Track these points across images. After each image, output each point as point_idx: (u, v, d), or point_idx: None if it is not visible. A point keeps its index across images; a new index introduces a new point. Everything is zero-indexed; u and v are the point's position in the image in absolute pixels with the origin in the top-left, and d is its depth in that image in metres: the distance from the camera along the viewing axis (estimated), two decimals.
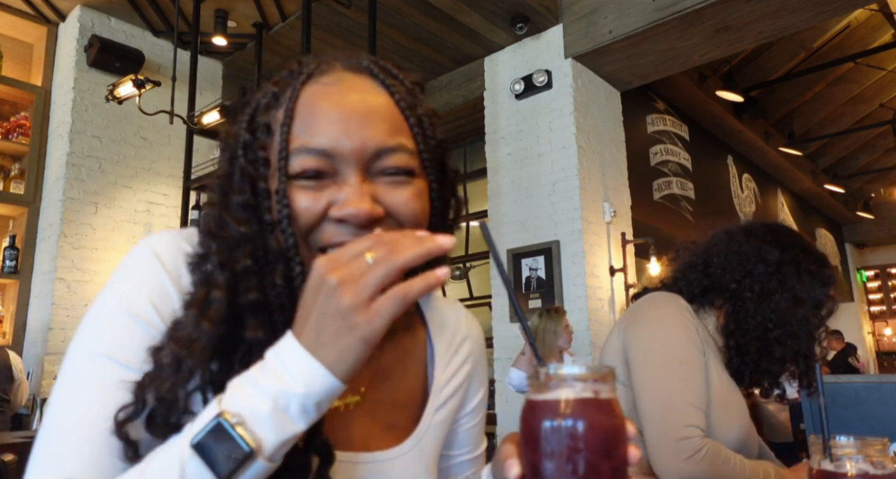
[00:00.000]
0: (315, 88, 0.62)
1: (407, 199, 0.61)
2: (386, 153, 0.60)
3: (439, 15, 3.64)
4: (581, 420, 0.43)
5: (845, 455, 0.66)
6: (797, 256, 1.26)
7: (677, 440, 1.08)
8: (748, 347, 1.23)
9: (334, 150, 0.59)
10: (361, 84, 0.63)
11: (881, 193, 9.28)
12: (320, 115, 0.60)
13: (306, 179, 0.59)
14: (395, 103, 0.63)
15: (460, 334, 0.76)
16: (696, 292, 1.30)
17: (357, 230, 0.58)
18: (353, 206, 0.57)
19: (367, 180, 0.60)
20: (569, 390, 0.44)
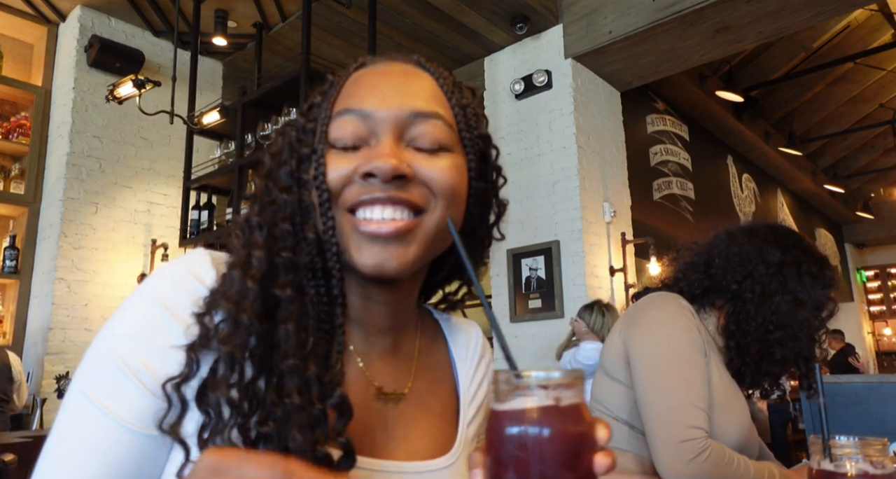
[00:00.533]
0: (365, 70, 0.66)
1: (442, 168, 0.61)
2: (422, 118, 0.61)
3: (439, 15, 3.64)
4: (540, 429, 0.42)
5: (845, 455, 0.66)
6: (798, 257, 1.26)
7: (681, 441, 1.08)
8: (749, 348, 1.23)
9: (371, 110, 0.60)
10: (406, 67, 0.66)
11: (881, 193, 9.28)
12: (363, 84, 0.63)
13: (343, 147, 0.61)
14: (437, 85, 0.65)
15: (478, 353, 0.78)
16: (697, 293, 1.30)
17: (384, 186, 0.58)
18: (381, 159, 0.57)
19: (400, 145, 0.60)
20: (529, 398, 0.42)
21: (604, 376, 1.31)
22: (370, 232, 0.58)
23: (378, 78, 0.63)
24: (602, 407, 1.29)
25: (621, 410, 1.25)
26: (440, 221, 0.61)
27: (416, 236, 0.60)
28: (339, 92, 0.64)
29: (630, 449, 1.23)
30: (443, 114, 0.63)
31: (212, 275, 0.57)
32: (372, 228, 0.58)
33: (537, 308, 3.60)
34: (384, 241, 0.58)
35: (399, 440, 0.64)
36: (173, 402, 0.51)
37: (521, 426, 0.42)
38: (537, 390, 0.42)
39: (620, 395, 1.25)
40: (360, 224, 0.58)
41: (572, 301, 3.48)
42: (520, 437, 0.42)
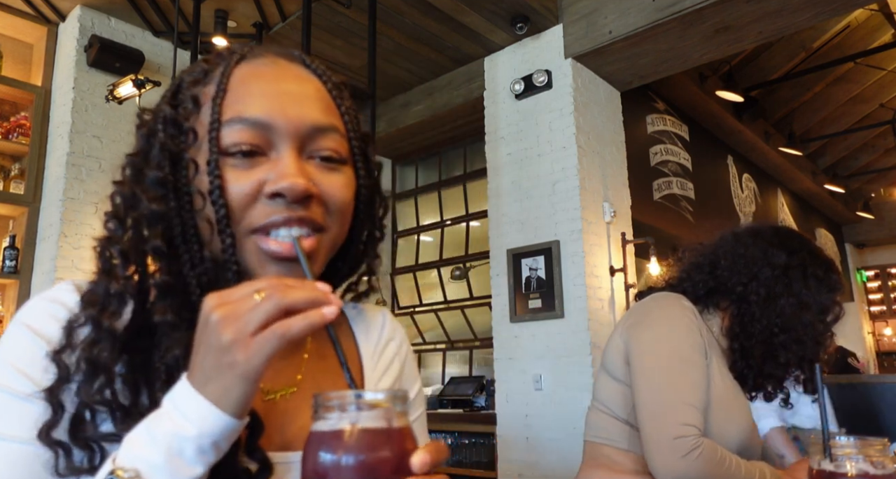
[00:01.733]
0: (248, 67, 0.61)
1: (341, 185, 0.61)
2: (321, 132, 0.60)
3: (439, 15, 3.63)
4: (326, 454, 0.39)
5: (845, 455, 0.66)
6: (804, 260, 1.26)
7: (673, 438, 1.08)
8: (752, 350, 1.23)
9: (270, 122, 0.57)
10: (294, 69, 0.63)
11: (881, 193, 9.28)
12: (255, 90, 0.59)
13: (238, 156, 0.57)
14: (326, 90, 0.63)
15: (384, 336, 0.76)
16: (701, 294, 1.30)
17: (291, 206, 0.56)
18: (290, 179, 0.55)
19: (301, 159, 0.59)
20: (327, 420, 0.41)
21: (605, 375, 1.31)
22: (280, 254, 0.56)
23: (269, 84, 0.60)
24: (603, 406, 1.29)
25: (621, 409, 1.25)
26: (336, 237, 0.62)
27: (319, 254, 0.60)
28: (224, 92, 0.59)
29: (631, 449, 1.23)
30: (337, 125, 0.62)
31: (75, 300, 0.57)
32: (281, 249, 0.56)
33: (537, 308, 3.59)
34: (288, 262, 0.57)
35: (295, 432, 0.62)
36: (52, 408, 0.51)
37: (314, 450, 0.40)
38: (334, 413, 0.41)
39: (621, 394, 1.25)
40: (267, 245, 0.56)
41: (572, 301, 3.48)
42: (313, 461, 0.40)
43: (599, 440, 1.27)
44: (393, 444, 0.40)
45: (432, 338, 4.99)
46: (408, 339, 0.81)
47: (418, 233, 5.23)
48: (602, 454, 1.26)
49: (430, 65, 4.27)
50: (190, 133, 0.59)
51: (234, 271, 0.57)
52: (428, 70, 4.33)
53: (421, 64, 4.24)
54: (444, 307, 4.87)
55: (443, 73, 4.39)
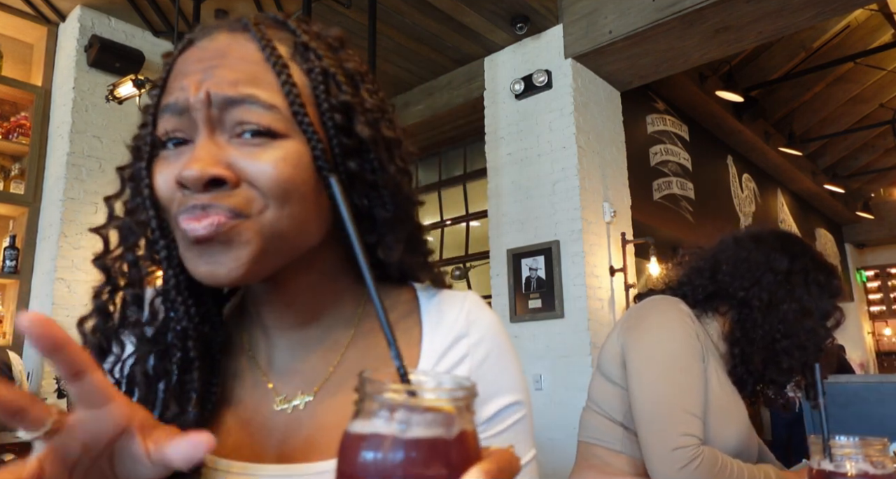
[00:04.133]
0: (187, 52, 0.57)
1: (271, 162, 0.52)
2: (234, 104, 0.53)
3: (439, 15, 3.63)
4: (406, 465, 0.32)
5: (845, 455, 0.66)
6: (806, 265, 1.26)
7: (673, 449, 1.08)
8: (754, 356, 1.22)
9: (183, 102, 0.53)
10: (230, 39, 0.56)
11: (881, 193, 9.28)
12: (179, 73, 0.56)
13: (171, 146, 0.55)
14: (263, 55, 0.55)
15: (456, 330, 0.62)
16: (701, 298, 1.29)
17: (197, 195, 0.52)
18: (188, 166, 0.51)
19: (216, 140, 0.53)
20: (375, 419, 0.33)
21: (600, 376, 1.31)
22: (190, 236, 0.52)
23: (191, 64, 0.55)
24: (598, 408, 1.30)
25: (616, 411, 1.25)
26: (276, 220, 0.53)
27: (245, 238, 0.52)
28: (166, 82, 0.56)
29: (623, 451, 1.23)
30: (260, 95, 0.53)
31: None
32: (190, 226, 0.52)
33: (537, 308, 3.60)
34: (206, 246, 0.52)
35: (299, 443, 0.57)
36: None
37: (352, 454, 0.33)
38: (381, 411, 0.33)
39: (616, 396, 1.25)
40: (182, 227, 0.53)
41: (572, 301, 3.48)
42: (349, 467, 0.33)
43: (593, 440, 1.27)
44: (450, 458, 0.33)
45: None
46: (495, 333, 0.64)
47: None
48: (594, 454, 1.26)
49: (430, 65, 4.27)
50: (146, 142, 0.58)
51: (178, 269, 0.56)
52: (428, 70, 4.33)
53: (421, 64, 4.24)
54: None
55: (443, 74, 4.39)
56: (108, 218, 0.61)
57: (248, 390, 0.61)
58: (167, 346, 0.57)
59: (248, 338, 0.64)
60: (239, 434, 0.58)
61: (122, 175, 0.61)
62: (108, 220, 0.61)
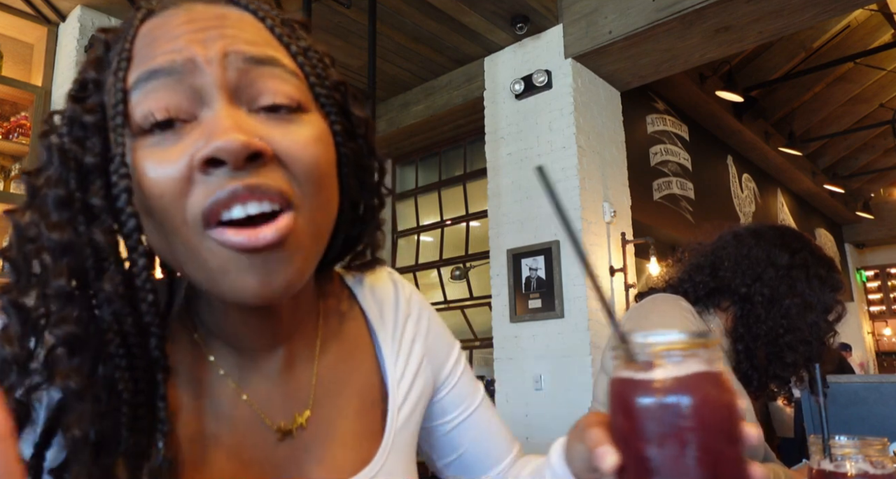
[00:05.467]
0: (156, 19, 0.46)
1: (305, 138, 0.44)
2: (257, 65, 0.44)
3: (439, 15, 3.63)
4: (695, 397, 0.37)
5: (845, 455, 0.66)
6: (806, 260, 1.26)
7: None
8: (757, 351, 1.23)
9: (182, 64, 0.42)
10: (216, 9, 0.47)
11: (881, 193, 9.28)
12: (161, 37, 0.44)
13: (155, 131, 0.42)
14: (264, 25, 0.47)
15: (401, 314, 0.64)
16: (702, 294, 1.29)
17: (235, 174, 0.40)
18: (222, 136, 0.40)
19: (239, 108, 0.43)
20: (677, 364, 0.38)
21: (604, 376, 1.31)
22: (246, 245, 0.41)
23: (176, 27, 0.44)
24: (602, 408, 1.30)
25: None
26: (317, 213, 0.45)
27: (301, 240, 0.44)
28: (130, 52, 0.44)
29: None
30: (280, 58, 0.46)
31: None
32: (242, 239, 0.41)
33: (537, 308, 3.59)
34: (264, 253, 0.42)
35: (312, 465, 0.53)
36: None
37: (676, 396, 0.37)
38: (683, 355, 0.38)
39: None
40: (228, 235, 0.41)
41: (572, 301, 3.48)
42: (674, 407, 0.37)
43: None
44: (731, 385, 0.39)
45: None
46: (420, 298, 0.69)
47: (418, 233, 5.23)
48: None
49: (430, 65, 4.27)
50: (94, 128, 0.44)
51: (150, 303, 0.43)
52: (428, 70, 4.33)
53: (421, 64, 4.24)
54: (444, 307, 4.87)
55: (443, 73, 4.39)
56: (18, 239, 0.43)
57: (239, 424, 0.52)
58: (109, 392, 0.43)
59: (219, 363, 0.53)
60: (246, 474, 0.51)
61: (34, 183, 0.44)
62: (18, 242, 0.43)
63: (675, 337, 0.38)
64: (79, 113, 0.45)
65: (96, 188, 0.43)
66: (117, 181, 0.42)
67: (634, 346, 0.39)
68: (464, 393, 0.69)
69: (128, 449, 0.42)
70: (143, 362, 0.44)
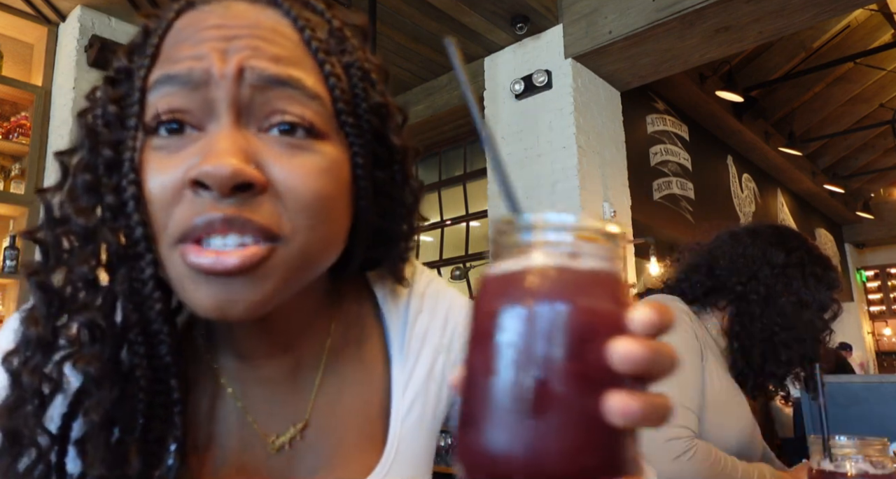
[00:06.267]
0: (192, 15, 0.45)
1: (306, 170, 0.42)
2: (275, 87, 0.42)
3: (439, 15, 3.63)
4: (533, 298, 0.28)
5: (845, 455, 0.66)
6: (802, 258, 1.26)
7: (666, 439, 1.09)
8: (753, 350, 1.23)
9: (200, 74, 0.41)
10: (256, 12, 0.45)
11: (881, 193, 9.28)
12: (188, 39, 0.43)
13: (164, 133, 0.42)
14: (300, 35, 0.45)
15: (411, 310, 0.60)
16: (699, 294, 1.30)
17: (220, 201, 0.40)
18: (214, 160, 0.39)
19: (246, 130, 0.42)
20: (529, 256, 0.29)
21: None
22: (205, 268, 0.40)
23: (205, 29, 0.43)
24: None
25: None
26: (306, 246, 0.43)
27: (273, 269, 0.42)
28: (158, 49, 0.44)
29: None
30: (303, 79, 0.43)
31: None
32: (205, 261, 0.40)
33: None
34: (224, 278, 0.41)
35: (307, 478, 0.52)
36: None
37: (508, 295, 0.29)
38: (541, 246, 0.30)
39: None
40: (192, 255, 0.41)
41: None
42: (503, 309, 0.29)
43: None
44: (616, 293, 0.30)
45: None
46: (442, 292, 0.63)
47: (418, 233, 5.22)
48: None
49: (430, 65, 4.27)
50: (117, 120, 0.44)
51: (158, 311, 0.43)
52: (428, 70, 4.33)
53: (421, 64, 4.24)
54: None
55: (443, 73, 4.39)
56: (48, 221, 0.44)
57: (234, 431, 0.52)
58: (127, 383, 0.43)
59: (220, 368, 0.53)
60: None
61: (66, 163, 0.45)
62: (48, 223, 0.44)
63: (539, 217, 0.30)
64: (109, 96, 0.45)
65: (112, 185, 0.42)
66: (126, 186, 0.42)
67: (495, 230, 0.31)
68: None
69: (142, 438, 0.43)
70: (160, 361, 0.44)
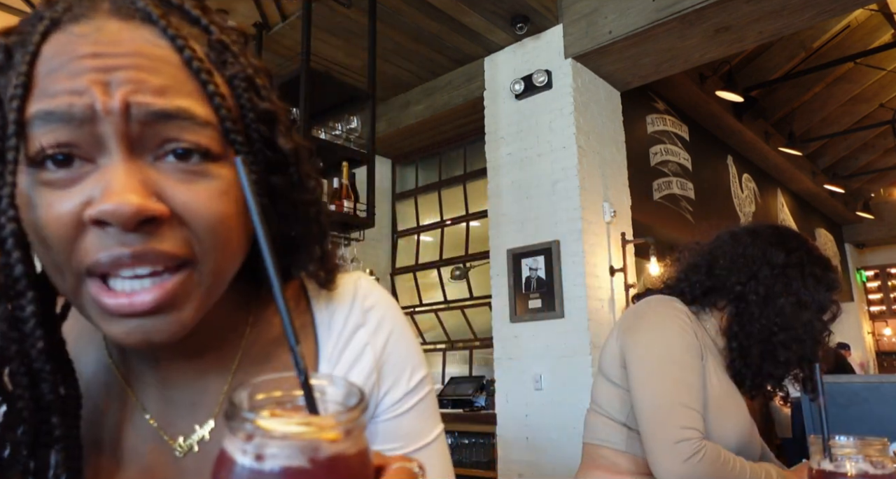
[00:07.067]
0: (60, 38, 0.42)
1: (208, 195, 0.43)
2: (163, 120, 0.41)
3: (439, 15, 3.63)
4: None
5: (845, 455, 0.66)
6: (802, 259, 1.26)
7: (675, 441, 1.09)
8: (751, 350, 1.23)
9: (82, 112, 0.40)
10: (131, 34, 0.43)
11: (881, 193, 9.28)
12: (62, 69, 0.41)
13: (52, 166, 0.40)
14: (181, 57, 0.43)
15: (350, 323, 0.58)
16: (699, 294, 1.30)
17: (125, 237, 0.40)
18: (114, 199, 0.39)
19: (139, 161, 0.41)
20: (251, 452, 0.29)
21: (602, 378, 1.31)
22: (117, 311, 0.41)
23: (80, 59, 0.41)
24: (601, 409, 1.30)
25: (619, 412, 1.26)
26: (218, 266, 0.44)
27: (188, 295, 0.43)
28: (29, 77, 0.41)
29: (628, 450, 1.24)
30: (195, 109, 0.43)
31: None
32: (117, 304, 0.41)
33: (537, 308, 3.60)
34: (142, 316, 0.41)
35: None
36: None
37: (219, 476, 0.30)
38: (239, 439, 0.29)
39: (618, 397, 1.26)
40: (103, 297, 0.41)
41: (572, 301, 3.48)
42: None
43: (598, 441, 1.28)
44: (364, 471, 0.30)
45: (432, 338, 4.99)
46: (392, 314, 0.62)
47: (418, 233, 5.23)
48: (600, 455, 1.27)
49: (430, 65, 4.27)
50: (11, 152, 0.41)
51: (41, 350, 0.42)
52: (428, 70, 4.33)
53: (421, 64, 4.24)
54: (444, 307, 4.87)
55: (443, 74, 4.39)
56: None
57: (140, 436, 0.51)
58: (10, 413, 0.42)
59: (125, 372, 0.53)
60: None
61: None
62: None
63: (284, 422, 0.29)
64: None
65: None
66: (4, 223, 0.40)
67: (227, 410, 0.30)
68: (405, 430, 0.59)
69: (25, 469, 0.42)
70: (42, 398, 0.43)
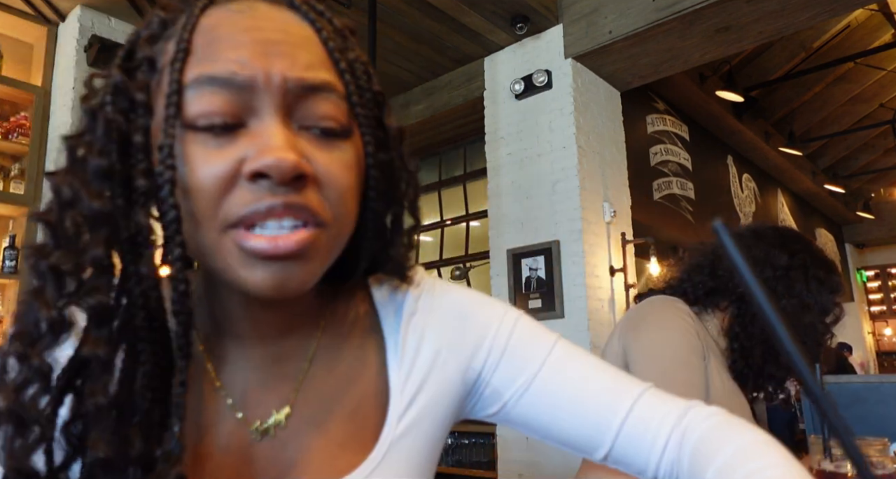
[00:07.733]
0: (219, 13, 0.47)
1: (342, 165, 0.47)
2: (314, 92, 0.46)
3: (439, 15, 3.63)
4: None
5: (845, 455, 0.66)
6: (806, 261, 1.26)
7: None
8: (753, 351, 1.23)
9: (246, 79, 0.44)
10: (279, 14, 0.48)
11: (881, 193, 9.27)
12: (224, 40, 0.46)
13: (206, 126, 0.44)
14: (320, 39, 0.49)
15: (405, 311, 0.61)
16: (701, 294, 1.30)
17: (278, 189, 0.43)
18: (276, 153, 0.43)
19: (290, 128, 0.46)
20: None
21: None
22: (265, 252, 0.44)
23: (244, 32, 0.46)
24: None
25: None
26: (339, 234, 0.49)
27: (318, 251, 0.47)
28: (186, 49, 0.45)
29: None
30: (333, 83, 0.48)
31: None
32: (264, 246, 0.44)
33: (537, 308, 3.59)
34: (281, 261, 0.44)
35: (289, 466, 0.52)
36: None
37: None
38: None
39: None
40: (249, 241, 0.44)
41: (572, 301, 3.48)
42: None
43: None
44: None
45: None
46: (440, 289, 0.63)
47: (418, 233, 5.22)
48: None
49: (430, 65, 4.27)
50: (144, 109, 0.46)
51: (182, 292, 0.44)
52: (428, 70, 4.33)
53: (421, 64, 4.24)
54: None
55: (443, 74, 4.39)
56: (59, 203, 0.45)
57: (214, 415, 0.52)
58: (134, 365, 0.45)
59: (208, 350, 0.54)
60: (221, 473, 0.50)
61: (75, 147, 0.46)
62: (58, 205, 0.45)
63: None
64: (127, 86, 0.46)
65: (141, 169, 0.44)
66: (163, 171, 0.43)
67: None
68: (517, 364, 0.60)
69: (145, 420, 0.44)
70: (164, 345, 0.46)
